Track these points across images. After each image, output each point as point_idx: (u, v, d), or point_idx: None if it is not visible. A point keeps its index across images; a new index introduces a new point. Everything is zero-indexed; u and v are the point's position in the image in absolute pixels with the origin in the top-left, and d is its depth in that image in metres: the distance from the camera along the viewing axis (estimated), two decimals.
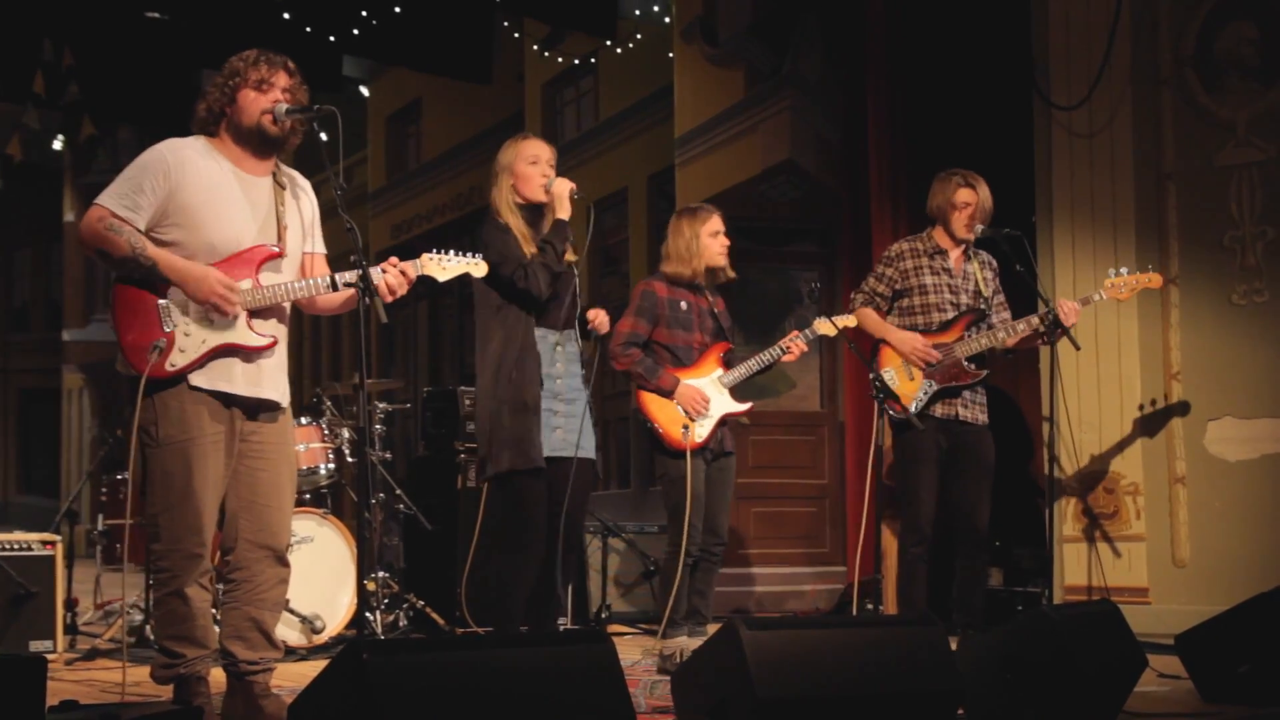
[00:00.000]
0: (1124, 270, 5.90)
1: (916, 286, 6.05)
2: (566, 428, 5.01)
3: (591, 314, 5.20)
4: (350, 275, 4.08)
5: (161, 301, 4.02)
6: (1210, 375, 6.23)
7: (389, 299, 4.13)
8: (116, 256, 3.99)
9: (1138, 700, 4.35)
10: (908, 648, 3.69)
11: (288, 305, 4.22)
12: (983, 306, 6.03)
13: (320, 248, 4.37)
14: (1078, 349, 5.84)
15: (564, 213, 4.96)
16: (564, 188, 4.97)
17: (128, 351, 3.98)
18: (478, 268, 4.45)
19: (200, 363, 4.02)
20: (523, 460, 4.87)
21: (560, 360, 5.02)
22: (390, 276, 4.14)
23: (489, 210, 5.06)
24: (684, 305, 5.79)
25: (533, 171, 5.01)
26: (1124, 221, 6.43)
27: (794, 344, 5.74)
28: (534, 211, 5.05)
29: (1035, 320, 5.85)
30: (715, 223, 5.81)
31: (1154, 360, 6.37)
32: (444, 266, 4.36)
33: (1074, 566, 6.50)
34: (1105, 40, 6.57)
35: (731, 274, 5.90)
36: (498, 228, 4.97)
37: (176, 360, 4.00)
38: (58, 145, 15.45)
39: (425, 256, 4.33)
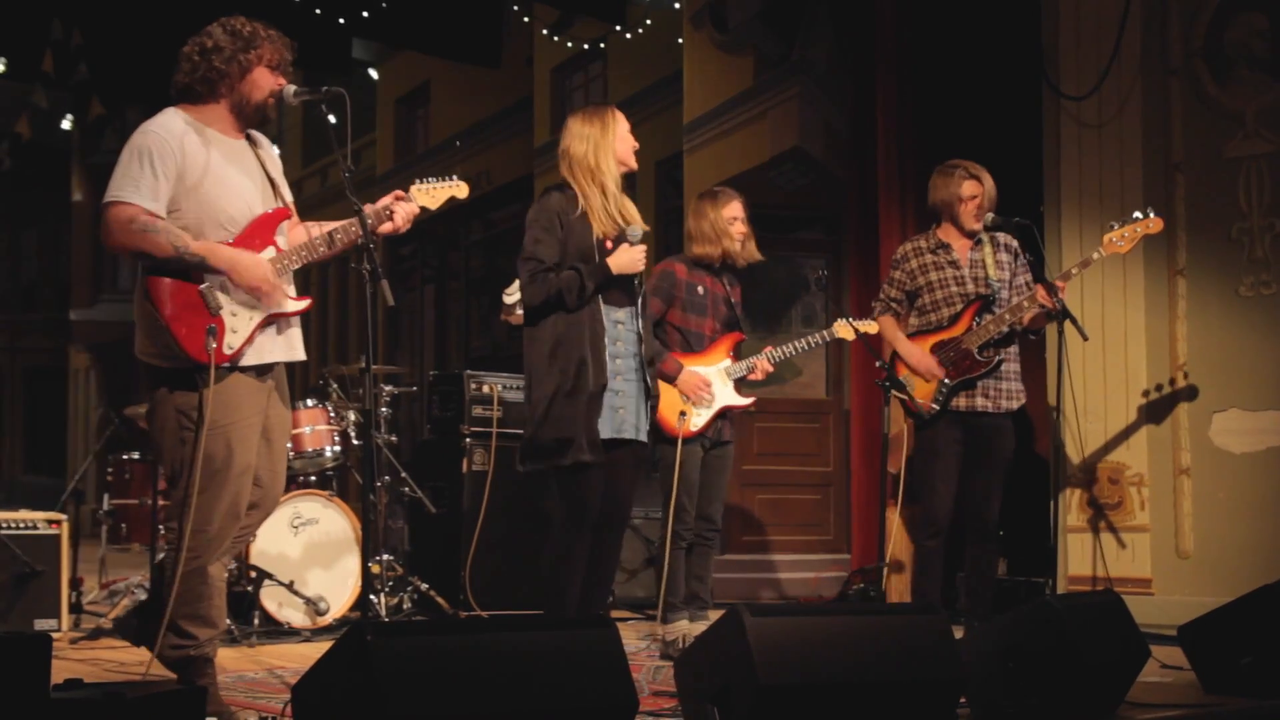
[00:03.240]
0: (1121, 223, 5.81)
1: (925, 285, 6.01)
2: (628, 408, 4.86)
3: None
4: (349, 226, 4.11)
5: (202, 286, 3.96)
6: (1217, 367, 6.23)
7: (403, 228, 4.22)
8: (160, 257, 3.91)
9: (1140, 691, 4.35)
10: (911, 636, 3.69)
11: None
12: (988, 292, 5.99)
13: (290, 197, 4.35)
14: (1085, 339, 5.82)
15: (617, 267, 4.80)
16: (639, 257, 4.85)
17: (184, 343, 3.92)
18: (459, 189, 4.48)
19: (252, 339, 4.02)
20: (566, 456, 4.70)
21: (621, 339, 4.88)
22: (396, 219, 4.22)
23: (552, 189, 4.90)
24: (700, 290, 5.78)
25: (630, 144, 4.96)
26: (1132, 212, 6.39)
27: (760, 362, 5.77)
28: (623, 179, 4.97)
29: (1026, 303, 5.79)
30: (734, 208, 5.79)
31: (1160, 351, 6.37)
32: (432, 194, 4.42)
33: (1078, 557, 6.51)
34: (1115, 30, 6.56)
35: (758, 255, 5.89)
36: (546, 216, 4.83)
37: (233, 342, 3.98)
38: (66, 125, 15.45)
39: (414, 188, 4.39)
